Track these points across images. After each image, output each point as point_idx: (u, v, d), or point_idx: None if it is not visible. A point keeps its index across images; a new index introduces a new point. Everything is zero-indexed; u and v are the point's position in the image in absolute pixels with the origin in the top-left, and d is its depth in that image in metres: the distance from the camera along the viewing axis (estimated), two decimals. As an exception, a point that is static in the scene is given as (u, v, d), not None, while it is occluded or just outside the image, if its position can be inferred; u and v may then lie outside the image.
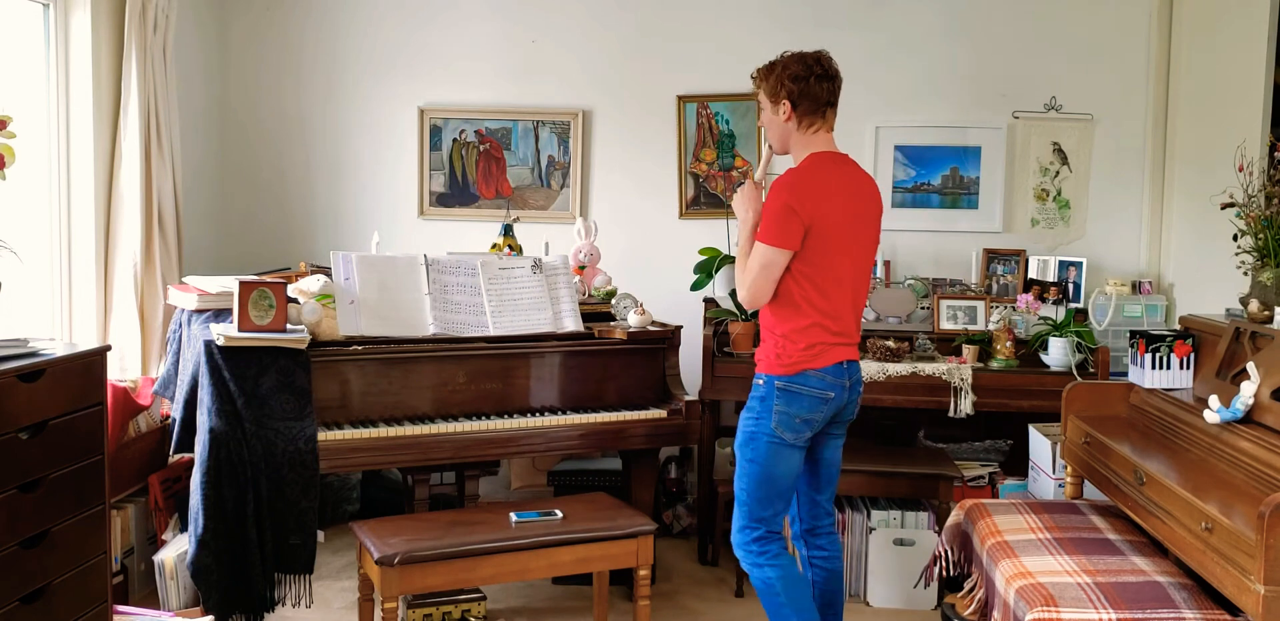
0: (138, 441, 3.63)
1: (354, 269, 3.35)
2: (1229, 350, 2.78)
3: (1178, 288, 4.24)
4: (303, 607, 3.17)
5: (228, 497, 3.00)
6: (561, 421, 3.42)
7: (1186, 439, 2.72)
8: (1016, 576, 2.53)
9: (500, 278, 3.52)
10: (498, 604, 3.60)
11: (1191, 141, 4.18)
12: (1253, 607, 2.02)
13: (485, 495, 4.28)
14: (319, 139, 4.80)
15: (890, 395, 3.83)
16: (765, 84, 2.83)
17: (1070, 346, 3.82)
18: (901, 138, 4.54)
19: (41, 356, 2.43)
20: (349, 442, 3.16)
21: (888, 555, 3.65)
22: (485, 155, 4.73)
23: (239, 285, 3.13)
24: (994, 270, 4.45)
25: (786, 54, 2.83)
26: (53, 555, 2.45)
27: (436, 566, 2.85)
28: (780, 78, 2.79)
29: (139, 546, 3.60)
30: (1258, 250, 2.87)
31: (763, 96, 2.85)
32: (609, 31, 4.65)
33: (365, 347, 3.28)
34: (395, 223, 4.73)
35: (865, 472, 3.69)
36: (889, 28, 4.53)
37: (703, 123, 4.62)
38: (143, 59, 3.90)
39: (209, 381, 3.06)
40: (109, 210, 3.92)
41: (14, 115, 2.54)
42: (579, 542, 3.00)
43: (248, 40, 4.77)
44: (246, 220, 4.82)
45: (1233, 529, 2.10)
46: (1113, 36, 4.42)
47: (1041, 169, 4.49)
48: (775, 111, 2.82)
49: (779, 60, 2.83)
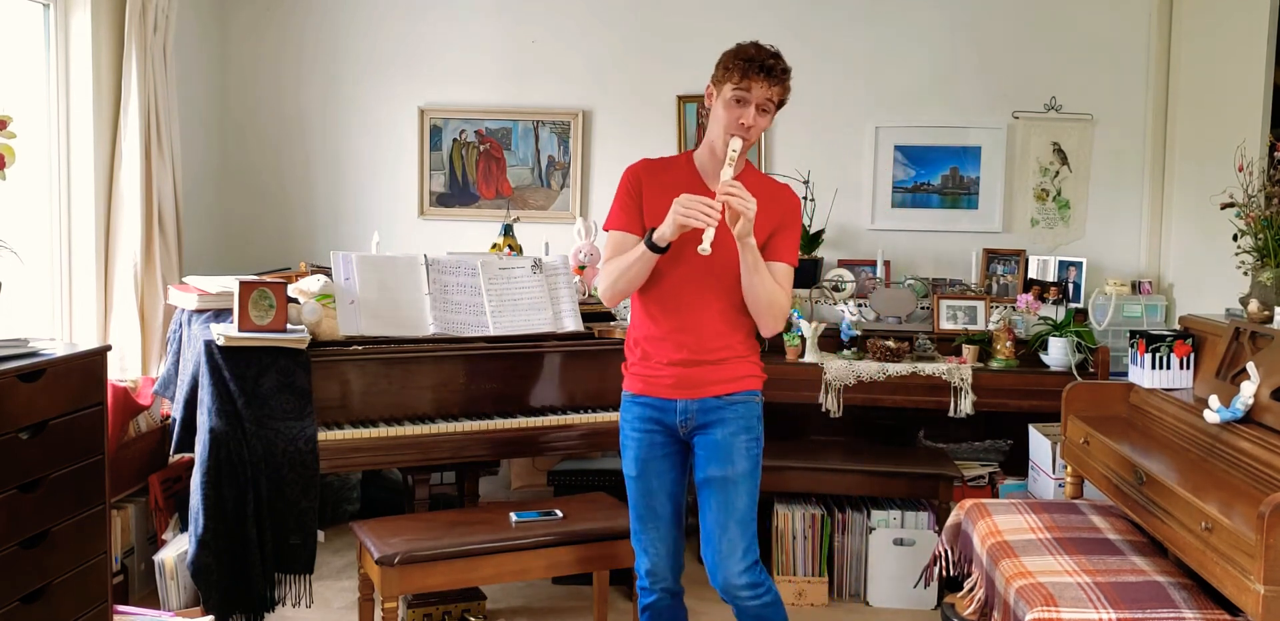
0: (138, 441, 3.63)
1: (354, 269, 3.35)
2: (1229, 350, 2.78)
3: (1178, 288, 4.24)
4: (303, 607, 3.17)
5: (228, 497, 3.00)
6: (561, 421, 3.42)
7: (1186, 439, 2.72)
8: (1016, 576, 2.53)
9: (500, 278, 3.52)
10: (498, 604, 3.60)
11: (1191, 141, 4.18)
12: (1253, 607, 2.02)
13: (485, 495, 4.28)
14: (319, 139, 4.80)
15: (890, 395, 3.83)
16: (789, 88, 2.56)
17: (1070, 346, 3.83)
18: (901, 138, 4.54)
19: (41, 356, 2.43)
20: (349, 442, 3.16)
21: (888, 555, 3.65)
22: (485, 155, 4.73)
23: (239, 285, 3.13)
24: (994, 270, 4.45)
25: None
26: (53, 555, 2.45)
27: (436, 566, 2.85)
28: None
29: (139, 546, 3.60)
30: (1258, 250, 2.87)
31: (779, 98, 2.53)
32: (609, 31, 4.65)
33: (365, 348, 3.28)
34: (395, 223, 4.73)
35: (865, 472, 3.69)
36: (889, 28, 4.53)
37: (703, 123, 4.62)
38: (143, 59, 3.90)
39: (209, 381, 3.06)
40: (109, 210, 3.92)
41: (14, 115, 2.54)
42: (579, 542, 3.00)
43: (248, 40, 4.77)
44: (246, 220, 4.83)
45: (1233, 529, 2.10)
46: (1113, 36, 4.42)
47: (1041, 169, 4.49)
48: (772, 116, 2.57)
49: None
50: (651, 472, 2.60)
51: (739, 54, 2.50)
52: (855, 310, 4.18)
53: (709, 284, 2.54)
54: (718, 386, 2.56)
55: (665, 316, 2.57)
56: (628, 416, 2.64)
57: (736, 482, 2.54)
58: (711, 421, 2.56)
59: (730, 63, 2.50)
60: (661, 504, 2.60)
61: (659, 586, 2.62)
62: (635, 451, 2.61)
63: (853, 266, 4.42)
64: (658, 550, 2.61)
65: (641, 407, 2.61)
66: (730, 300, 2.55)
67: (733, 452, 2.55)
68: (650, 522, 2.60)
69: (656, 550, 2.61)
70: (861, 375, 3.81)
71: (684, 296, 2.55)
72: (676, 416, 2.58)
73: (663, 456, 2.61)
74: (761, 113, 2.50)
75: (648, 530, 2.61)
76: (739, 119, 2.48)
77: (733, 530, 2.53)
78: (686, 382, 2.56)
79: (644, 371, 2.61)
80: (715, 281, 2.54)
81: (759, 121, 2.50)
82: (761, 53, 2.50)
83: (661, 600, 2.64)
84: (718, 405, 2.56)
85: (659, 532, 2.60)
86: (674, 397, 2.57)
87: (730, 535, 2.53)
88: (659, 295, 2.57)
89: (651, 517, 2.60)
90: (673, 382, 2.56)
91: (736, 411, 2.57)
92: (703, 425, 2.57)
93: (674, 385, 2.56)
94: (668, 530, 2.61)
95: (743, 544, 2.53)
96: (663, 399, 2.58)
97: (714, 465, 2.55)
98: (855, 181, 4.55)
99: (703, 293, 2.54)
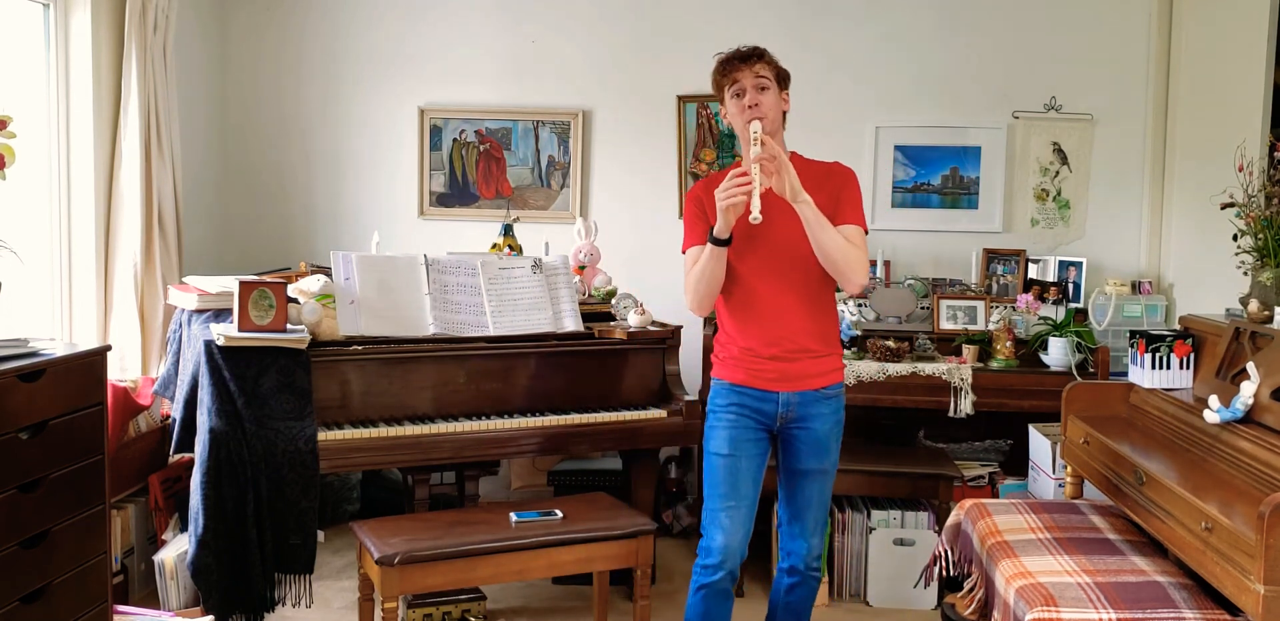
0: (138, 441, 3.63)
1: (354, 269, 3.35)
2: (1229, 350, 2.78)
3: (1178, 288, 4.24)
4: (303, 607, 3.17)
5: (228, 497, 3.00)
6: (561, 421, 3.42)
7: (1186, 439, 2.72)
8: (1016, 576, 2.53)
9: (500, 278, 3.52)
10: (498, 604, 3.60)
11: (1191, 141, 4.18)
12: (1252, 607, 2.02)
13: (485, 495, 4.28)
14: (319, 139, 4.80)
15: (890, 395, 3.83)
16: (777, 63, 2.70)
17: (1070, 346, 3.83)
18: (901, 138, 4.54)
19: (41, 356, 2.43)
20: (349, 442, 3.16)
21: (888, 555, 3.65)
22: (485, 155, 4.73)
23: (239, 285, 3.13)
24: (994, 270, 4.45)
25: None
26: (53, 555, 2.45)
27: (436, 566, 2.85)
28: (784, 68, 2.72)
29: (139, 546, 3.60)
30: (1258, 250, 2.87)
31: (770, 72, 2.65)
32: (609, 31, 4.65)
33: (365, 348, 3.28)
34: (395, 223, 4.73)
35: (865, 472, 3.69)
36: (890, 28, 4.53)
37: (702, 123, 4.62)
38: (143, 59, 3.90)
39: (209, 381, 3.06)
40: (109, 210, 3.92)
41: (14, 115, 2.54)
42: (579, 542, 3.00)
43: (248, 40, 4.77)
44: (246, 220, 4.83)
45: (1233, 529, 2.10)
46: (1113, 36, 4.43)
47: (1041, 169, 4.49)
48: (780, 95, 2.68)
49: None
50: (743, 454, 2.70)
51: (717, 62, 2.70)
52: (855, 310, 4.18)
53: (783, 272, 2.65)
54: (817, 379, 2.70)
55: (755, 315, 2.68)
56: (721, 401, 2.74)
57: (829, 473, 2.78)
58: (810, 414, 2.70)
59: (715, 73, 2.70)
60: (747, 484, 2.69)
61: (727, 565, 2.66)
62: (729, 432, 2.71)
63: (853, 266, 4.41)
64: (735, 529, 2.67)
65: (740, 395, 2.71)
66: (809, 290, 2.66)
67: (830, 446, 2.75)
68: (734, 501, 2.68)
69: (734, 529, 2.67)
70: (861, 375, 3.81)
71: (761, 287, 2.66)
72: (778, 407, 2.69)
73: (754, 440, 2.72)
74: (761, 90, 2.63)
75: (729, 509, 2.67)
76: (744, 106, 2.62)
77: (819, 512, 2.79)
78: (789, 376, 2.67)
79: (746, 364, 2.70)
80: (789, 269, 2.64)
81: (762, 99, 2.62)
82: (734, 50, 2.68)
83: (723, 581, 2.68)
84: (816, 398, 2.70)
85: (740, 513, 2.68)
86: (777, 390, 2.68)
87: (819, 516, 2.79)
88: (737, 290, 2.68)
89: (735, 496, 2.68)
90: (776, 376, 2.67)
91: (831, 405, 2.73)
92: (802, 417, 2.70)
93: (778, 378, 2.67)
94: (748, 511, 2.70)
95: (823, 522, 2.82)
96: (765, 390, 2.69)
97: (814, 459, 2.74)
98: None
99: (779, 282, 2.65)
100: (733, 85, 2.64)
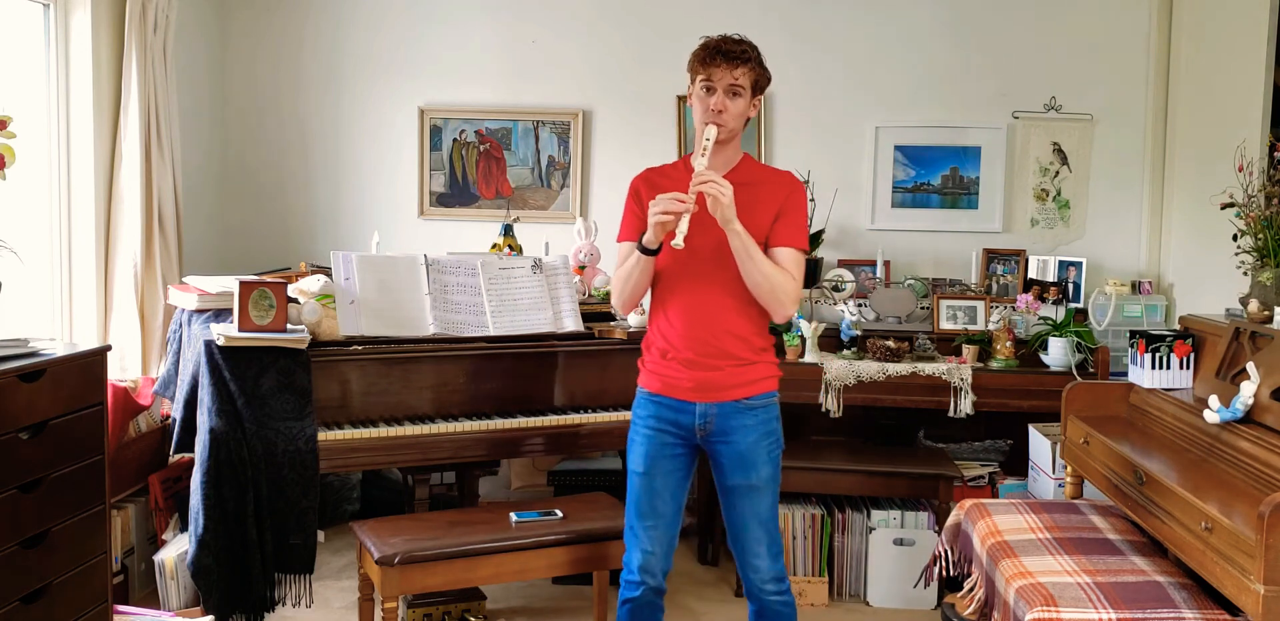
0: (138, 441, 3.63)
1: (354, 269, 3.35)
2: (1229, 350, 2.78)
3: (1178, 288, 4.24)
4: (303, 607, 3.17)
5: (228, 497, 3.00)
6: (561, 421, 3.42)
7: (1186, 439, 2.72)
8: (1016, 576, 2.54)
9: (500, 278, 3.52)
10: (498, 604, 3.60)
11: (1191, 142, 4.18)
12: (1252, 607, 2.02)
13: (485, 495, 4.28)
14: (319, 139, 4.80)
15: (890, 395, 3.83)
16: (760, 70, 2.56)
17: (1070, 346, 3.83)
18: (901, 138, 4.54)
19: (42, 356, 2.43)
20: (349, 442, 3.16)
21: (888, 555, 3.66)
22: (485, 155, 4.73)
23: (239, 285, 3.13)
24: (994, 270, 4.45)
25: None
26: (53, 555, 2.45)
27: (436, 566, 2.85)
28: (767, 72, 2.60)
29: (139, 546, 3.60)
30: (1257, 250, 2.88)
31: (748, 80, 2.52)
32: (609, 31, 4.65)
33: (365, 348, 3.28)
34: (395, 223, 4.73)
35: (865, 472, 3.69)
36: (890, 27, 4.53)
37: (702, 123, 4.62)
38: (143, 59, 3.90)
39: (209, 381, 3.06)
40: (109, 210, 3.92)
41: (14, 115, 2.54)
42: (579, 542, 3.00)
43: (248, 40, 4.77)
44: (246, 220, 4.82)
45: (1233, 529, 2.10)
46: (1113, 36, 4.42)
47: (1041, 169, 4.49)
48: (752, 101, 2.56)
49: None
50: (659, 471, 2.59)
51: (701, 47, 2.55)
52: (855, 310, 4.18)
53: (714, 279, 2.53)
54: (737, 390, 2.55)
55: (676, 314, 2.57)
56: (641, 413, 2.64)
57: (760, 489, 2.58)
58: (732, 427, 2.56)
59: (694, 57, 2.56)
60: (664, 503, 2.60)
61: (649, 582, 2.61)
62: (644, 448, 2.61)
63: (853, 266, 4.42)
64: (653, 548, 2.60)
65: (657, 406, 2.60)
66: (738, 295, 2.53)
67: (756, 461, 2.56)
68: (650, 520, 2.60)
69: (651, 548, 2.60)
70: (861, 375, 3.81)
71: (691, 294, 2.55)
72: (695, 419, 2.56)
73: (671, 456, 2.60)
74: (733, 96, 2.50)
75: (646, 527, 2.60)
76: (709, 106, 2.50)
77: (758, 531, 2.58)
78: (706, 386, 2.54)
79: (662, 371, 2.59)
80: (720, 276, 2.53)
81: (730, 106, 2.50)
82: (722, 42, 2.54)
83: (645, 596, 2.62)
84: (737, 409, 2.55)
85: (657, 531, 2.60)
86: (694, 400, 2.56)
87: (756, 535, 2.58)
88: (667, 294, 2.59)
89: (652, 515, 2.60)
90: (692, 386, 2.55)
91: (756, 416, 2.57)
92: (722, 430, 2.56)
93: (694, 388, 2.55)
94: (666, 529, 2.61)
95: (767, 542, 2.59)
96: (681, 400, 2.57)
97: (739, 474, 2.57)
98: (855, 181, 4.55)
99: (709, 289, 2.54)
100: (703, 80, 2.51)
